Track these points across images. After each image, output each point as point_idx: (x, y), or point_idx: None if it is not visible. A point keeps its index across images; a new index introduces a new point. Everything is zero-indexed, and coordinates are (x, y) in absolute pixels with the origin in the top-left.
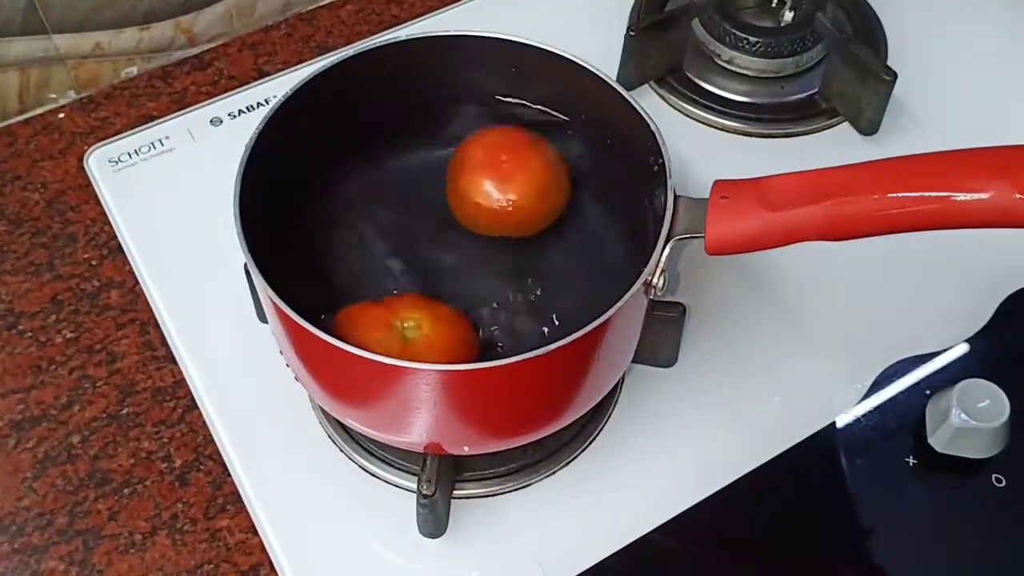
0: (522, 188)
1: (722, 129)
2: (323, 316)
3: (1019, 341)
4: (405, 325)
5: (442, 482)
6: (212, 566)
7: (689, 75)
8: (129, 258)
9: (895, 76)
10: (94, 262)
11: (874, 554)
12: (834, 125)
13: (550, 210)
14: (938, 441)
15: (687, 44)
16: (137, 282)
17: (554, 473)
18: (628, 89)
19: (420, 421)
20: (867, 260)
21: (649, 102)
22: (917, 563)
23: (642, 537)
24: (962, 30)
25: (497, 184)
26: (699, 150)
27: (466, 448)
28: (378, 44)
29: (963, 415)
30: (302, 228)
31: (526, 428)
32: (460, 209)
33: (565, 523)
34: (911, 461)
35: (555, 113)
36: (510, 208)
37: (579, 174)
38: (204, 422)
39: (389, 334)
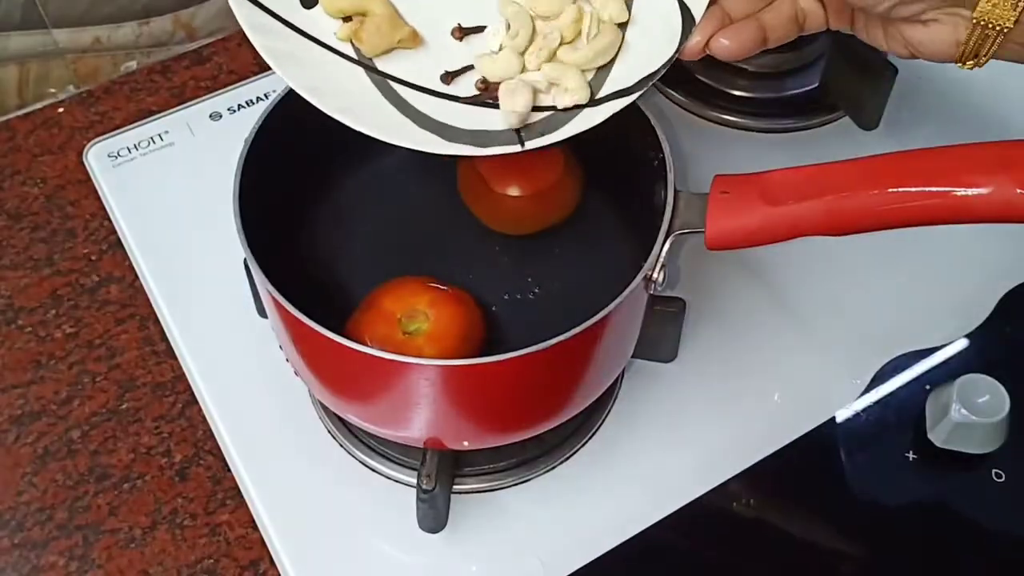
0: (547, 180)
1: (722, 124)
2: (322, 311)
3: (1019, 336)
4: (411, 327)
5: (442, 477)
6: (212, 561)
7: (689, 70)
8: (128, 253)
9: (896, 71)
10: (93, 257)
11: (874, 549)
12: (835, 120)
13: (569, 203)
14: (938, 436)
15: None
16: (137, 277)
17: (554, 468)
18: None
19: (420, 416)
20: (867, 255)
21: (649, 97)
22: (917, 558)
23: (642, 532)
24: None
25: (521, 176)
26: (699, 145)
27: (466, 443)
28: None
29: (963, 410)
30: (302, 223)
31: (526, 423)
32: (479, 203)
33: (565, 518)
34: (911, 456)
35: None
36: (534, 200)
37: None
38: (204, 417)
39: (394, 328)
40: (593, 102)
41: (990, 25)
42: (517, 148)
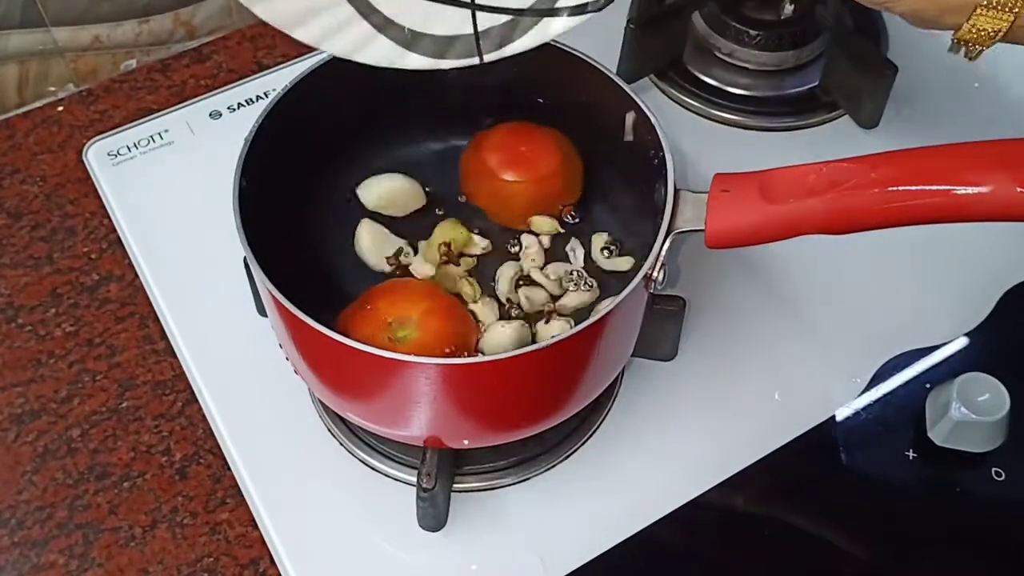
0: (548, 166)
1: (723, 122)
2: (322, 309)
3: (1019, 335)
4: (399, 334)
5: (442, 475)
6: (212, 559)
7: (689, 68)
8: (128, 252)
9: (896, 69)
10: (93, 255)
11: (874, 547)
12: (835, 118)
13: (570, 191)
14: (938, 435)
15: (687, 37)
16: (136, 276)
17: (554, 466)
18: (628, 82)
19: (419, 415)
20: (867, 253)
21: (649, 95)
22: (917, 557)
23: (642, 530)
24: None
25: (524, 163)
26: (700, 144)
27: (466, 442)
28: None
29: (963, 409)
30: (302, 221)
31: (526, 422)
32: (483, 193)
33: (565, 516)
34: (911, 455)
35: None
36: (535, 185)
37: None
38: (204, 416)
39: (381, 330)
40: (551, 11)
41: (971, 43)
42: (475, 60)
